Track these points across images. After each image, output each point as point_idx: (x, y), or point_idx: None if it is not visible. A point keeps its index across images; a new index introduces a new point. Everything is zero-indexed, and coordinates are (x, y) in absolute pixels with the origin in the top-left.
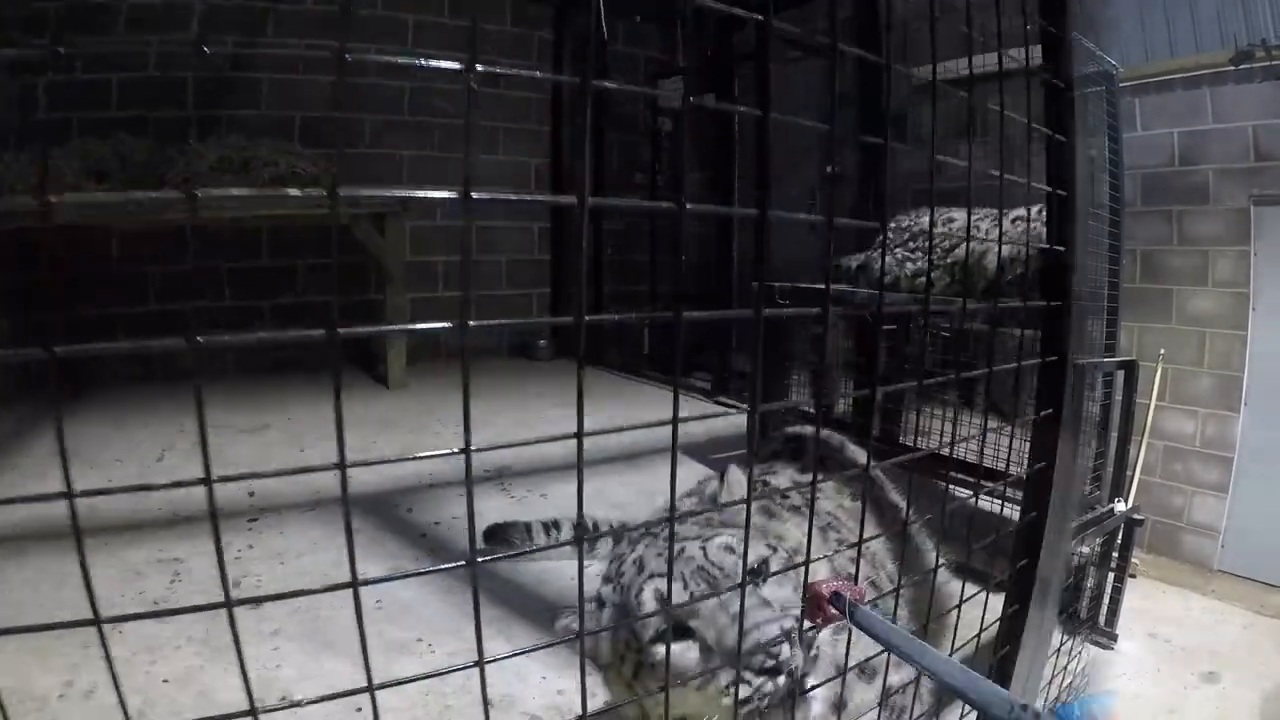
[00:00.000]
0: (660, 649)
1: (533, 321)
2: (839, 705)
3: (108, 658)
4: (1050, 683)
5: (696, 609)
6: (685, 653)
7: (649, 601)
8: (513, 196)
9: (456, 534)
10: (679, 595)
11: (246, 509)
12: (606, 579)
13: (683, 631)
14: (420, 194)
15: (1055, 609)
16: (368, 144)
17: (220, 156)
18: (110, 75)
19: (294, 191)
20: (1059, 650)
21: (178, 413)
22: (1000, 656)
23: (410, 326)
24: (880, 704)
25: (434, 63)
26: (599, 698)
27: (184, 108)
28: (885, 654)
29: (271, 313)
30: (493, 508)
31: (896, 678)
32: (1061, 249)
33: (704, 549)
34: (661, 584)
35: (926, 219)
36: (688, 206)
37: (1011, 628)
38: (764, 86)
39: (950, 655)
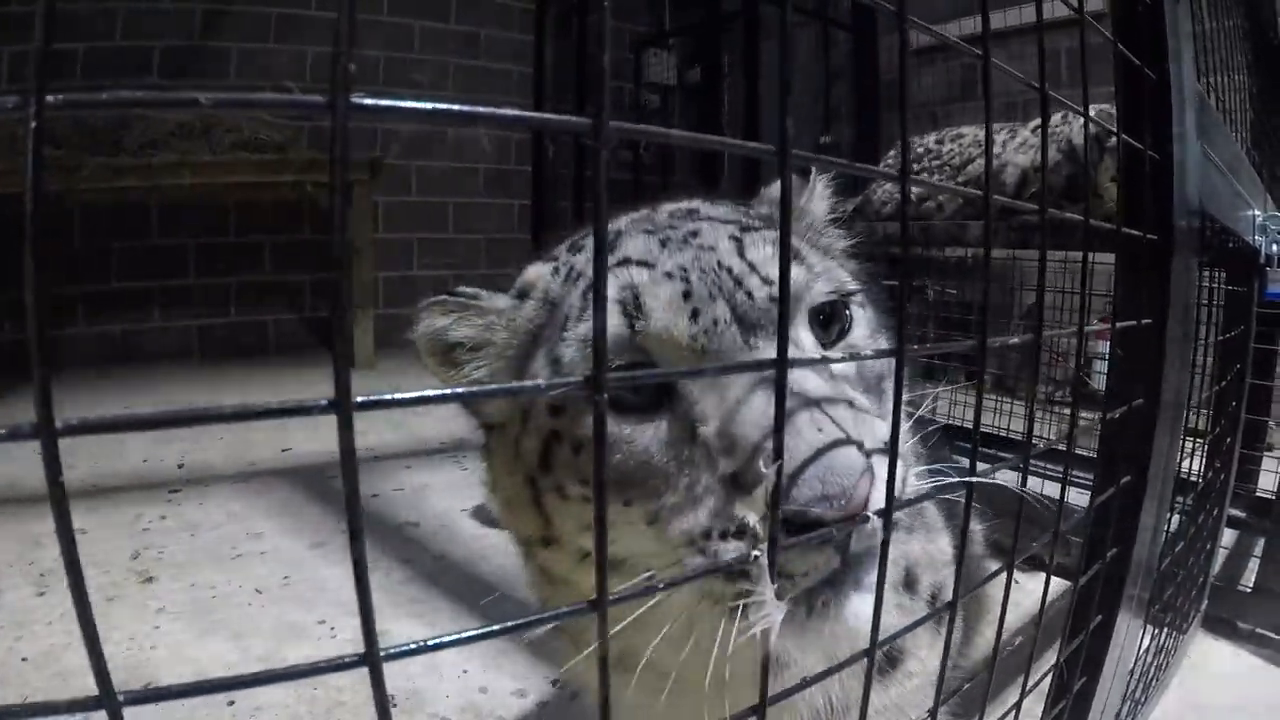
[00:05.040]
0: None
1: None
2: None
3: None
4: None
5: (700, 341)
6: (646, 434)
7: (605, 305)
8: None
9: (395, 507)
10: (670, 309)
11: (172, 479)
12: (553, 263)
13: (656, 394)
14: None
15: (1145, 606)
16: None
17: (180, 122)
18: (76, 45)
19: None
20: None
21: (136, 390)
22: (1081, 681)
23: None
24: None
25: None
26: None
27: (151, 75)
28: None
29: (238, 290)
30: (444, 481)
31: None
32: (1155, 155)
33: (739, 241)
34: (635, 274)
35: (930, 140)
36: None
37: (1095, 644)
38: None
39: (1001, 648)
